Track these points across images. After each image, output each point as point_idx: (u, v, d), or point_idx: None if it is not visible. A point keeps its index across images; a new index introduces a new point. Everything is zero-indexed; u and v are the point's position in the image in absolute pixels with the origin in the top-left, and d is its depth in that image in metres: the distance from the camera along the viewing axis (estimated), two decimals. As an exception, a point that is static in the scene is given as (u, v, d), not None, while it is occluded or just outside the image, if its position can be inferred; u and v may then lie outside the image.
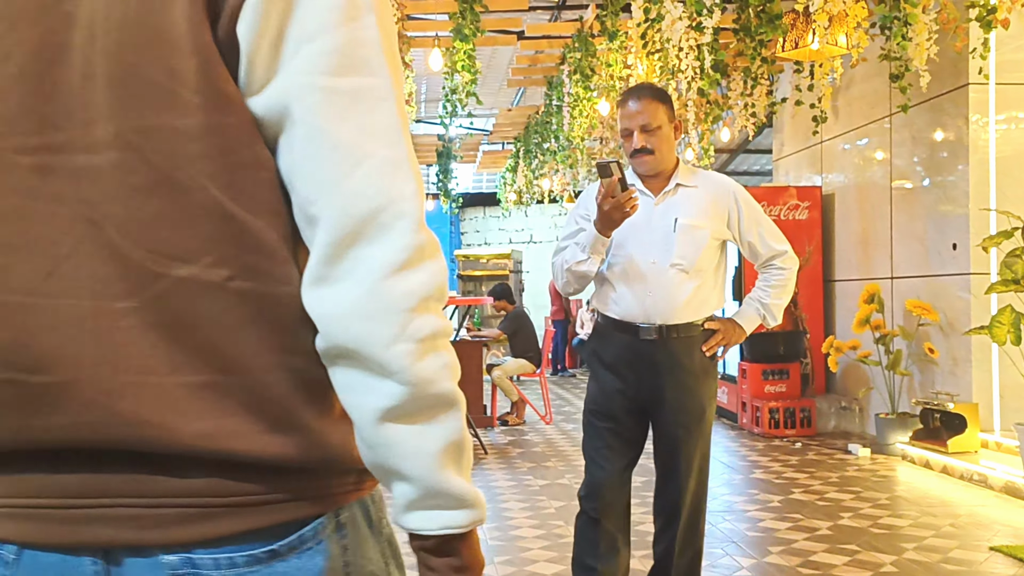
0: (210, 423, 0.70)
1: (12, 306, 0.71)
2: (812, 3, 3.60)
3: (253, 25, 0.69)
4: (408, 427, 0.71)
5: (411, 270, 0.70)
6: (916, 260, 6.22)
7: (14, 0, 0.72)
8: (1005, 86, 5.59)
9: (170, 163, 0.70)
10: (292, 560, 0.73)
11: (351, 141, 0.70)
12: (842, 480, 5.15)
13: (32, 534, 0.72)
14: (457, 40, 5.74)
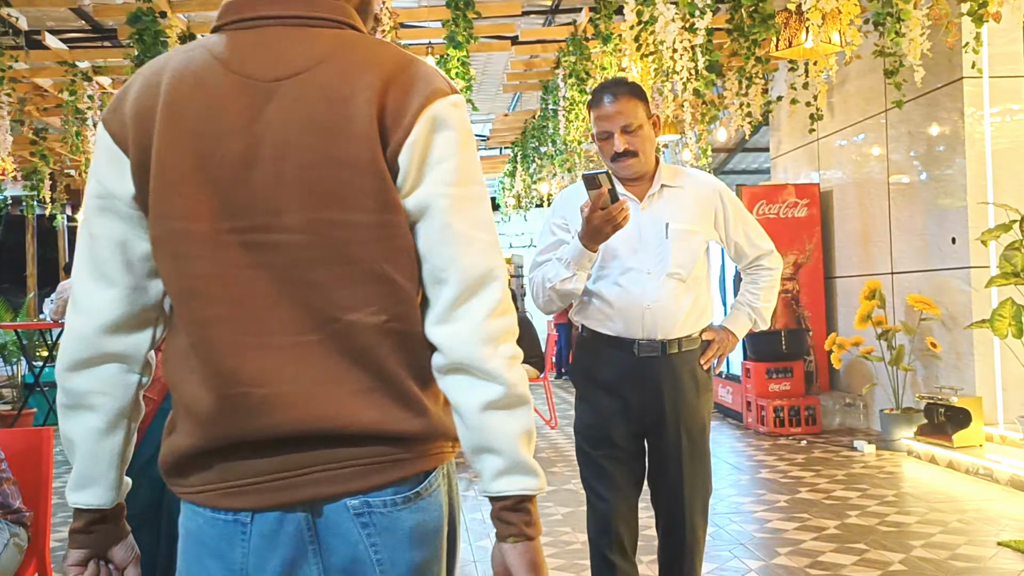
0: (374, 413, 1.06)
1: (239, 343, 1.06)
2: (805, 2, 3.59)
3: (409, 156, 1.05)
4: (501, 414, 1.07)
5: (500, 315, 1.08)
6: (916, 255, 6.21)
7: (222, 119, 1.05)
8: (999, 79, 5.59)
9: (347, 244, 1.05)
10: (427, 498, 1.10)
11: (466, 231, 1.07)
12: (848, 478, 5.14)
13: (262, 503, 1.07)
14: (451, 47, 5.75)
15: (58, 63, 6.82)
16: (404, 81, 1.07)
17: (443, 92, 1.08)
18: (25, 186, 9.06)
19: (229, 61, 1.07)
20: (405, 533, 1.09)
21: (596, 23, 5.90)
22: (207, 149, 1.06)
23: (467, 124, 1.10)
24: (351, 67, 1.07)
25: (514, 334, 1.10)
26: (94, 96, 6.80)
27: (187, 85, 1.07)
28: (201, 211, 1.06)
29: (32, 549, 2.54)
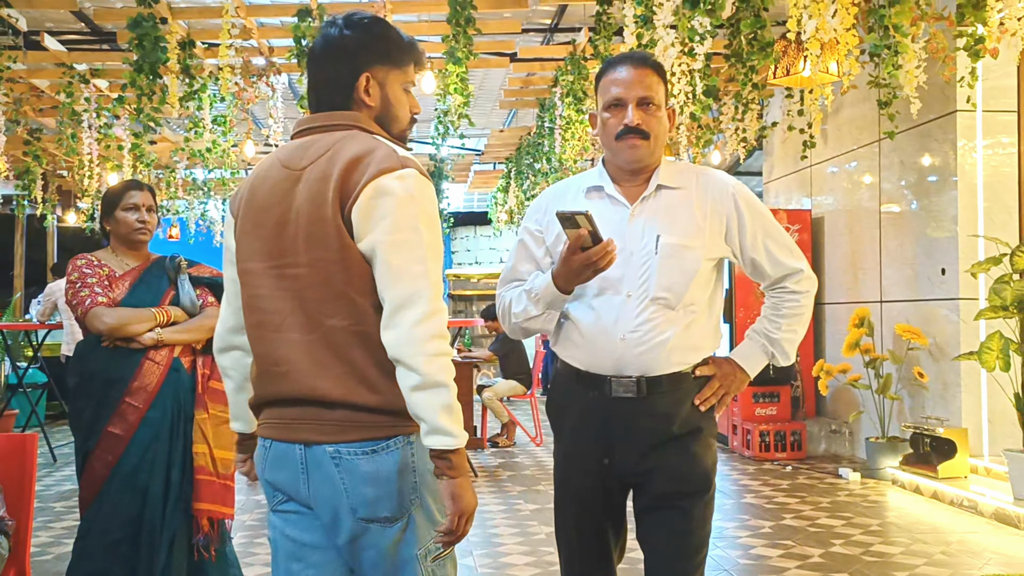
0: (342, 390, 1.59)
1: (271, 338, 1.66)
2: (804, 31, 3.62)
3: (358, 213, 1.57)
4: (422, 394, 1.53)
5: (421, 325, 1.54)
6: (905, 284, 6.24)
7: (271, 197, 1.67)
8: (992, 113, 5.64)
9: (326, 273, 1.60)
10: (383, 455, 1.60)
11: (399, 265, 1.56)
12: (833, 505, 5.13)
13: (276, 436, 1.67)
14: (450, 63, 5.76)
15: (56, 65, 6.81)
16: (362, 165, 1.59)
17: (389, 170, 1.57)
18: (16, 185, 9.02)
19: (282, 159, 1.71)
20: (363, 475, 1.61)
21: (595, 43, 5.92)
22: (261, 217, 1.68)
23: (410, 189, 1.57)
24: (338, 156, 1.61)
25: (437, 336, 1.54)
26: (91, 99, 6.78)
27: (259, 176, 1.72)
28: (254, 254, 1.70)
29: (12, 559, 2.51)
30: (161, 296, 2.94)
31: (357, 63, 1.68)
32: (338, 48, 1.69)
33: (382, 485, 1.60)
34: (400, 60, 1.73)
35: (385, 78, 1.71)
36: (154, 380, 2.84)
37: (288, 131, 9.65)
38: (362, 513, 1.61)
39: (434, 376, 1.52)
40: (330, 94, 1.69)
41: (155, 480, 2.80)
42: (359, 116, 1.68)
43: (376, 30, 1.70)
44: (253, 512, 5.18)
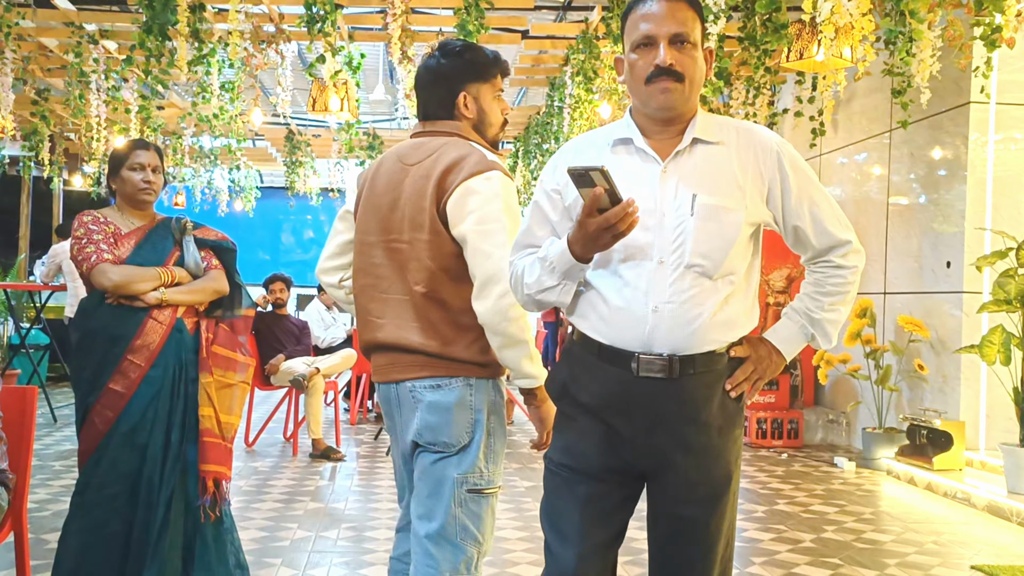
0: (421, 339, 2.04)
1: (374, 297, 2.12)
2: (819, 14, 3.59)
3: (452, 207, 2.01)
4: (506, 351, 2.00)
5: (507, 295, 1.94)
6: (910, 276, 6.22)
7: (390, 180, 2.12)
8: (1005, 106, 5.60)
9: (419, 249, 2.05)
10: (445, 390, 2.02)
11: (487, 250, 1.97)
12: (827, 493, 5.15)
13: (379, 379, 2.15)
14: (461, 36, 5.72)
15: (65, 24, 6.77)
16: (456, 168, 2.02)
17: (478, 173, 2.00)
18: (23, 146, 9.00)
19: (399, 154, 2.16)
20: (428, 404, 2.04)
21: (608, 22, 5.88)
22: (378, 200, 2.14)
23: (495, 188, 2.00)
24: (439, 159, 2.05)
25: (515, 305, 1.94)
26: (99, 60, 6.75)
27: (382, 165, 2.19)
28: (371, 230, 2.14)
29: (10, 511, 2.52)
30: (166, 256, 2.94)
31: (455, 85, 2.13)
32: (439, 75, 2.14)
33: (442, 414, 2.02)
34: (487, 75, 2.15)
35: (478, 92, 2.14)
36: (157, 339, 2.84)
37: (296, 100, 9.61)
38: (426, 436, 2.04)
39: (516, 335, 1.98)
40: (436, 109, 2.15)
41: (155, 438, 2.81)
42: (460, 126, 2.13)
43: (467, 55, 2.14)
44: (250, 478, 5.21)
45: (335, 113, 5.96)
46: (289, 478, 5.27)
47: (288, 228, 16.25)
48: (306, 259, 16.02)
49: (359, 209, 2.18)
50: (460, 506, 2.02)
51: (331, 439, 6.30)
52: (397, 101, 10.94)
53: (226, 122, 6.69)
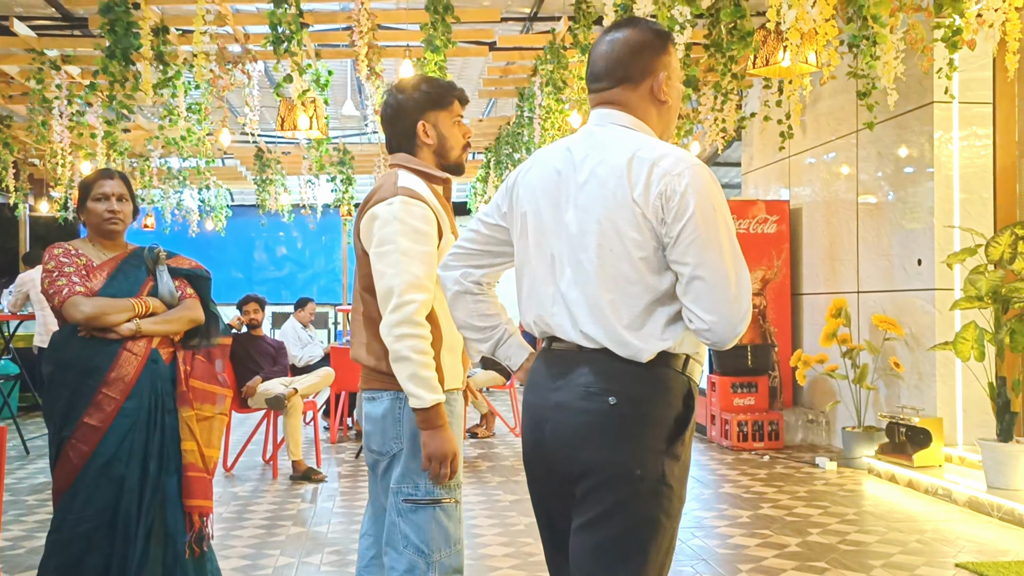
0: (364, 356, 2.22)
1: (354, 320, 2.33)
2: (784, 21, 3.62)
3: (362, 233, 2.20)
4: (396, 365, 2.07)
5: (394, 312, 2.07)
6: (882, 275, 6.29)
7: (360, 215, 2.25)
8: (967, 104, 5.68)
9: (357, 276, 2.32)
10: (377, 401, 2.19)
11: (380, 270, 2.12)
12: (810, 494, 5.17)
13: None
14: (428, 51, 5.71)
15: (26, 50, 6.68)
16: (372, 198, 2.21)
17: (381, 200, 2.15)
18: (-14, 174, 8.84)
19: None
20: (366, 414, 2.23)
21: (575, 32, 5.90)
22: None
23: (393, 211, 2.11)
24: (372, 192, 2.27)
25: (403, 322, 2.05)
26: (62, 85, 6.65)
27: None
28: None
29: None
30: (139, 286, 2.90)
31: (414, 115, 2.26)
32: (398, 110, 2.28)
33: (374, 424, 2.20)
34: (444, 102, 2.27)
35: (436, 120, 2.27)
36: (132, 371, 2.80)
37: (265, 118, 9.55)
38: (366, 443, 2.26)
39: (400, 352, 2.05)
40: (399, 142, 2.29)
41: (132, 471, 2.77)
42: (408, 157, 2.27)
43: (422, 87, 2.27)
44: (230, 504, 5.14)
45: (304, 131, 5.93)
46: (270, 502, 5.21)
47: (260, 246, 16.11)
48: (280, 276, 15.89)
49: None
50: (400, 516, 2.13)
51: (311, 460, 6.24)
52: (367, 116, 10.92)
53: (194, 143, 6.63)
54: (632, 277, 1.70)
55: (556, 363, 1.79)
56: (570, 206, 1.77)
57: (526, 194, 1.87)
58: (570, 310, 1.75)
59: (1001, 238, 4.86)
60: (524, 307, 1.88)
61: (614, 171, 1.71)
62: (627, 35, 1.82)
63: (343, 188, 10.92)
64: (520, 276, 1.89)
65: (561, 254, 1.78)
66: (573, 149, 1.82)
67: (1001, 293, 4.77)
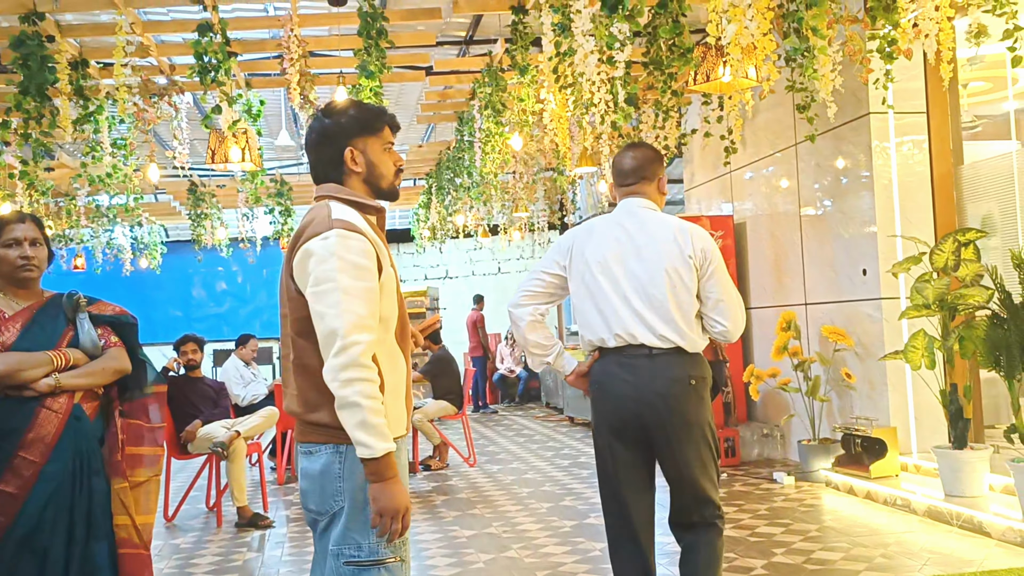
0: (295, 406, 2.03)
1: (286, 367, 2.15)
2: (724, 36, 3.57)
3: (297, 272, 1.99)
4: (341, 411, 1.88)
5: (339, 355, 1.89)
6: (828, 286, 6.30)
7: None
8: (903, 114, 5.75)
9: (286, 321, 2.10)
10: (315, 456, 2.00)
11: (320, 311, 1.92)
12: (771, 512, 5.11)
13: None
14: (363, 77, 5.57)
15: (-64, 88, 6.35)
16: (303, 233, 2.03)
17: (315, 234, 1.98)
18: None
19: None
20: (302, 470, 2.06)
21: (512, 54, 5.82)
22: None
23: (330, 247, 1.95)
24: (300, 227, 2.09)
25: (351, 365, 1.88)
26: (-24, 123, 6.33)
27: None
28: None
29: None
30: (58, 337, 2.69)
31: (341, 141, 2.10)
32: (325, 135, 2.12)
33: (311, 481, 2.03)
34: (374, 128, 2.13)
35: (365, 146, 2.12)
36: (52, 430, 2.58)
37: (197, 151, 9.29)
38: (303, 502, 2.08)
39: (349, 398, 1.87)
40: (325, 170, 2.13)
41: (56, 541, 2.55)
42: (335, 187, 2.12)
43: (350, 111, 2.12)
44: (171, 558, 4.87)
45: (237, 163, 5.72)
46: (214, 553, 4.95)
47: (199, 282, 15.68)
48: (220, 312, 15.48)
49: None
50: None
51: (258, 504, 5.98)
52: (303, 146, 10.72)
53: (121, 180, 6.35)
54: (688, 302, 2.81)
55: (633, 362, 2.81)
56: (634, 260, 2.84)
57: (591, 253, 2.88)
58: (649, 324, 2.79)
59: (944, 245, 4.88)
60: (596, 325, 2.87)
61: (667, 238, 2.83)
62: (644, 151, 3.00)
63: (282, 220, 10.68)
64: (584, 305, 2.89)
65: (635, 289, 2.82)
66: (624, 224, 2.90)
67: (947, 300, 4.79)
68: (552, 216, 11.95)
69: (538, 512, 5.45)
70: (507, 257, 15.52)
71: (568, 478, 6.59)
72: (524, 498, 5.92)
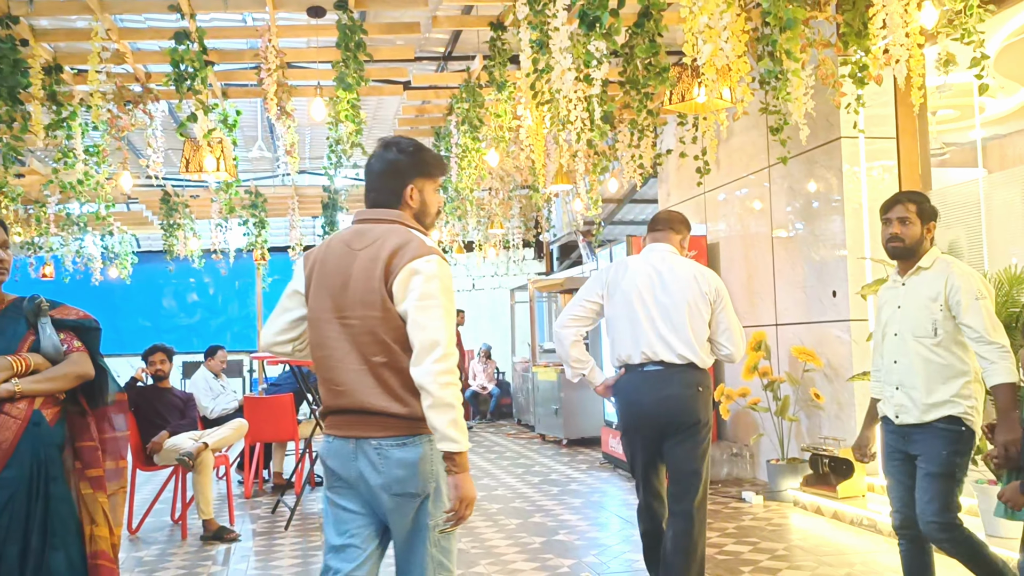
0: (387, 404, 2.31)
1: (334, 367, 2.40)
2: (700, 56, 3.62)
3: (397, 287, 2.30)
4: (435, 412, 2.21)
5: (438, 362, 2.23)
6: (798, 307, 6.36)
7: (339, 263, 2.40)
8: (873, 139, 5.84)
9: (372, 325, 2.33)
10: (410, 447, 2.31)
11: (423, 323, 2.27)
12: (739, 531, 5.12)
13: (335, 433, 2.40)
14: (340, 89, 5.57)
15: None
16: (401, 252, 2.31)
17: (417, 256, 2.30)
18: None
19: (345, 239, 2.44)
20: (396, 460, 2.30)
21: (490, 70, 5.84)
22: (328, 281, 2.40)
23: (433, 270, 2.29)
24: (385, 244, 2.34)
25: (446, 372, 2.22)
26: (-54, 127, 6.24)
27: (330, 249, 2.45)
28: (325, 308, 2.40)
29: None
30: (18, 342, 2.65)
31: (407, 178, 2.45)
32: (395, 168, 2.46)
33: (409, 468, 2.30)
34: (432, 173, 2.50)
35: (423, 187, 2.48)
36: (10, 436, 2.54)
37: (171, 160, 9.22)
38: (395, 488, 2.31)
39: (446, 399, 2.20)
40: (386, 197, 2.46)
41: (9, 549, 2.50)
42: (402, 215, 2.45)
43: (419, 155, 2.48)
44: (134, 571, 4.79)
45: (211, 173, 5.68)
46: (178, 566, 4.87)
47: (169, 292, 15.52)
48: (191, 324, 15.32)
49: (311, 289, 2.46)
50: (435, 546, 2.34)
51: (224, 518, 5.90)
52: (279, 158, 10.67)
53: (92, 188, 6.28)
54: (701, 329, 3.54)
55: (652, 375, 3.51)
56: (661, 293, 3.56)
57: (627, 285, 3.60)
58: (671, 345, 3.49)
59: (912, 268, 4.94)
60: (627, 343, 3.57)
61: (688, 277, 3.57)
62: (678, 214, 3.90)
63: (256, 231, 10.60)
64: (619, 326, 3.60)
65: (662, 317, 3.52)
66: (654, 263, 3.64)
67: (915, 322, 4.84)
68: (527, 233, 11.97)
69: (507, 528, 5.43)
70: (481, 274, 15.52)
71: (538, 495, 6.57)
72: (494, 514, 5.89)
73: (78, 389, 2.76)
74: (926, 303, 3.14)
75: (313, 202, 10.89)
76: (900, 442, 3.24)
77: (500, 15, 5.70)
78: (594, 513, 5.95)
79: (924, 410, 3.12)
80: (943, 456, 3.06)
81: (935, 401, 3.10)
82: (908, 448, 3.20)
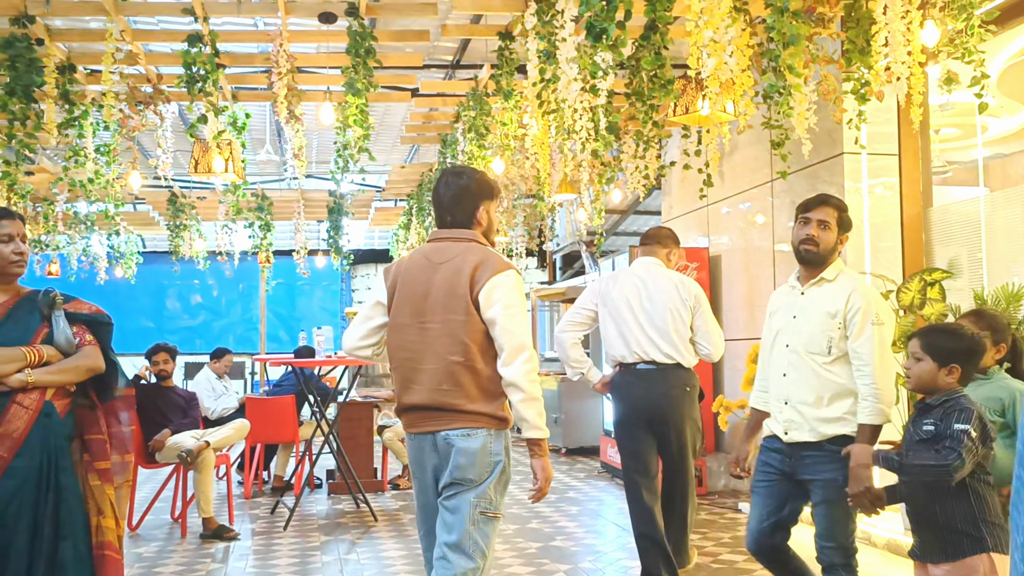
0: (456, 400, 2.66)
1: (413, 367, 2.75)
2: (704, 70, 3.68)
3: (483, 297, 2.66)
4: (526, 405, 2.63)
5: (528, 362, 2.64)
6: (799, 320, 6.39)
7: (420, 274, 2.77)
8: (875, 156, 5.89)
9: (454, 328, 2.67)
10: (472, 438, 2.65)
11: (512, 328, 2.66)
12: (734, 541, 5.15)
13: (411, 430, 2.76)
14: (349, 95, 5.64)
15: (-80, 86, 6.33)
16: (483, 267, 2.65)
17: (500, 271, 2.66)
18: None
19: (426, 254, 2.78)
20: (459, 449, 2.62)
21: (498, 79, 5.91)
22: (410, 290, 2.74)
23: (512, 282, 2.67)
24: (466, 259, 2.68)
25: (534, 370, 2.62)
26: (-40, 123, 6.32)
27: (412, 262, 2.79)
28: (406, 314, 2.73)
29: None
30: (32, 333, 2.70)
31: (478, 200, 2.80)
32: (468, 191, 2.80)
33: (470, 457, 2.61)
34: (496, 195, 2.86)
35: (489, 207, 2.83)
36: (21, 426, 2.59)
37: (179, 162, 9.29)
38: (456, 474, 2.62)
39: (535, 393, 2.62)
40: (460, 218, 2.80)
41: (19, 537, 2.54)
42: (475, 233, 2.79)
43: (485, 180, 2.84)
44: (133, 567, 4.83)
45: (219, 174, 5.75)
46: (177, 563, 4.91)
47: (174, 294, 15.59)
48: (193, 325, 15.38)
49: (394, 299, 2.78)
50: (473, 524, 2.60)
51: (223, 516, 5.94)
52: (286, 161, 10.74)
53: (102, 187, 6.35)
54: (683, 331, 4.09)
55: (645, 373, 4.06)
56: (647, 300, 4.11)
57: (616, 295, 4.17)
58: (657, 346, 4.03)
59: (911, 284, 5.00)
60: (619, 346, 4.12)
61: (669, 287, 4.14)
62: (667, 230, 4.44)
63: (261, 234, 10.66)
64: (611, 331, 4.16)
65: (647, 321, 4.08)
66: (640, 274, 4.20)
67: (913, 337, 4.88)
68: (531, 242, 12.02)
69: (504, 533, 5.46)
70: (485, 282, 15.53)
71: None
72: (491, 519, 5.92)
73: (89, 382, 2.82)
74: (824, 319, 2.94)
75: (319, 206, 10.96)
76: (785, 463, 3.04)
77: (508, 25, 5.77)
78: (591, 520, 5.99)
79: (815, 426, 2.93)
80: (838, 483, 2.89)
81: (827, 417, 2.92)
82: (796, 471, 3.01)
